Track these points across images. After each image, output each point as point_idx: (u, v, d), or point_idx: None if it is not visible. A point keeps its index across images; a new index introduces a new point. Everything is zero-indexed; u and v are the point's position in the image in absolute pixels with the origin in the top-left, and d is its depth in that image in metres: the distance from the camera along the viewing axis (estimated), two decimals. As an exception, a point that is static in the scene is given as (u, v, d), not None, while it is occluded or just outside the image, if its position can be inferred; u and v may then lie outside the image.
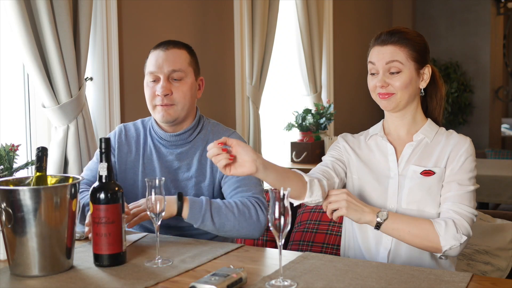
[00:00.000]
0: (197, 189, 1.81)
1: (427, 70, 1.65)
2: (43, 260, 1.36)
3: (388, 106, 1.64)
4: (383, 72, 1.62)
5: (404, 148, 1.67)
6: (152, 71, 1.78)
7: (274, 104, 4.22)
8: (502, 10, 6.85)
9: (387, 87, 1.62)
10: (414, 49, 1.62)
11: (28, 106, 2.42)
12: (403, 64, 1.60)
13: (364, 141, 1.75)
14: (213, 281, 1.20)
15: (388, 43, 1.62)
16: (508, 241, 1.96)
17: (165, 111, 1.78)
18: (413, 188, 1.61)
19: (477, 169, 1.67)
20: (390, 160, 1.67)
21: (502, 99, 7.06)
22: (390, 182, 1.65)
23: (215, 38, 3.33)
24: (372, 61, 1.64)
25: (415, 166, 1.63)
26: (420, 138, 1.67)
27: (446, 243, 1.47)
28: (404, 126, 1.69)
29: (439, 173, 1.61)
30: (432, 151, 1.65)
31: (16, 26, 2.07)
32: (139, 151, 1.88)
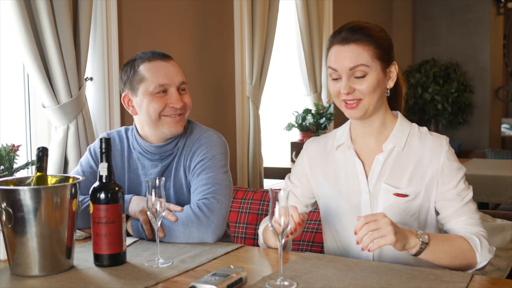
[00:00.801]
0: (177, 198, 1.79)
1: (393, 68, 1.52)
2: (43, 260, 1.36)
3: (355, 115, 1.50)
4: (347, 77, 1.47)
5: (373, 161, 1.55)
6: (163, 82, 1.72)
7: (274, 104, 4.22)
8: (502, 10, 6.85)
9: (353, 93, 1.48)
10: (379, 47, 1.47)
11: (28, 106, 2.42)
12: (368, 67, 1.46)
13: (331, 152, 1.62)
14: (213, 281, 1.20)
15: (350, 42, 1.46)
16: (508, 241, 1.96)
17: (177, 123, 1.75)
18: (389, 209, 1.50)
19: (477, 169, 1.67)
20: (359, 176, 1.55)
21: (502, 99, 7.06)
22: (362, 199, 1.54)
23: (215, 38, 3.33)
24: (332, 66, 1.49)
25: (387, 185, 1.51)
26: (390, 148, 1.53)
27: (483, 258, 1.43)
28: (373, 134, 1.56)
29: (413, 193, 1.50)
30: (405, 165, 1.52)
31: (16, 26, 2.07)
32: (124, 164, 1.85)
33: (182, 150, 1.80)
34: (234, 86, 3.50)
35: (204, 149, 1.76)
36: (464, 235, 1.45)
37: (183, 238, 1.63)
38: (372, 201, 1.53)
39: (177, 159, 1.80)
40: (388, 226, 1.29)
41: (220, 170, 1.74)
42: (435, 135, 1.56)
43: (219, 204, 1.66)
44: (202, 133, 1.81)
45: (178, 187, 1.80)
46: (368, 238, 1.30)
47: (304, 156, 1.68)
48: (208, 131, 1.82)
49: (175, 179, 1.80)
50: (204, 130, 1.82)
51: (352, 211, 1.56)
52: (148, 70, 1.74)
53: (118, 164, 1.84)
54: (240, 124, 3.50)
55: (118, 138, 1.87)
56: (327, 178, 1.61)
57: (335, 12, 4.77)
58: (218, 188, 1.70)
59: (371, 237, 1.30)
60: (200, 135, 1.80)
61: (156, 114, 1.73)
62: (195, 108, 3.15)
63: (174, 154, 1.81)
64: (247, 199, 2.36)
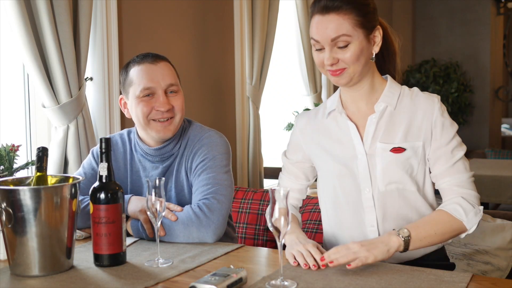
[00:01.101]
0: (179, 199, 1.79)
1: (377, 33, 1.50)
2: (43, 260, 1.36)
3: (340, 82, 1.49)
4: (330, 48, 1.45)
5: (366, 123, 1.53)
6: (148, 86, 1.72)
7: (274, 104, 4.22)
8: (502, 10, 6.85)
9: (337, 63, 1.46)
10: (360, 13, 1.44)
11: (28, 106, 2.42)
12: (350, 36, 1.43)
13: (322, 121, 1.62)
14: (213, 281, 1.20)
15: (330, 11, 1.43)
16: (508, 241, 1.96)
17: (165, 128, 1.74)
18: (387, 167, 1.50)
19: (477, 169, 1.67)
20: (354, 139, 1.54)
21: (502, 99, 7.06)
22: (359, 163, 1.53)
23: (215, 38, 3.33)
24: (314, 37, 1.46)
25: (382, 143, 1.50)
26: (382, 107, 1.52)
27: (471, 223, 1.45)
28: (362, 98, 1.55)
29: (410, 148, 1.50)
30: (399, 122, 1.52)
31: (16, 26, 2.07)
32: (127, 167, 1.85)
33: (184, 151, 1.80)
34: (234, 86, 3.50)
35: (205, 150, 1.76)
36: (445, 207, 1.46)
37: (183, 238, 1.63)
38: (370, 162, 1.53)
39: (178, 160, 1.80)
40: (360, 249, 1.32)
41: (221, 170, 1.74)
42: (427, 93, 1.56)
43: (219, 204, 1.66)
44: (203, 133, 1.81)
45: (180, 189, 1.80)
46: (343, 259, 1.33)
47: (297, 130, 1.68)
48: (209, 132, 1.82)
49: (176, 180, 1.80)
50: (205, 131, 1.82)
51: (351, 175, 1.55)
52: (136, 74, 1.74)
53: (120, 166, 1.85)
54: (240, 124, 3.50)
55: (120, 141, 1.88)
56: (322, 147, 1.61)
57: (335, 12, 4.76)
58: (219, 188, 1.70)
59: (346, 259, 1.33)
60: (201, 135, 1.80)
61: (144, 118, 1.74)
62: (195, 108, 3.16)
63: (175, 155, 1.81)
64: (247, 199, 2.36)
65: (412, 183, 1.52)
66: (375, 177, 1.52)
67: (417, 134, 1.51)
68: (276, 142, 4.25)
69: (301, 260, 1.39)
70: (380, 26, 1.52)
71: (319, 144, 1.62)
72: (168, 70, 1.76)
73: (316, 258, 1.38)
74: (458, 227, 1.45)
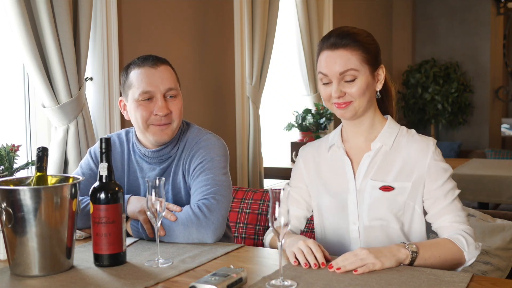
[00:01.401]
0: (175, 201, 1.79)
1: (381, 71, 1.58)
2: (43, 260, 1.36)
3: (345, 115, 1.57)
4: (338, 81, 1.53)
5: (361, 159, 1.61)
6: (147, 90, 1.72)
7: (274, 104, 4.22)
8: (502, 10, 6.85)
9: (344, 96, 1.53)
10: (367, 51, 1.53)
11: (28, 106, 2.42)
12: (358, 71, 1.52)
13: (324, 154, 1.69)
14: (213, 281, 1.20)
15: (339, 47, 1.52)
16: (508, 241, 1.96)
17: (162, 132, 1.74)
18: (374, 204, 1.57)
19: (477, 169, 1.68)
20: (347, 174, 1.61)
21: (502, 99, 7.06)
22: (349, 198, 1.60)
23: (215, 38, 3.33)
24: (323, 72, 1.54)
25: (373, 181, 1.57)
26: (378, 146, 1.59)
27: (471, 256, 1.48)
28: (362, 133, 1.62)
29: (399, 188, 1.55)
30: (392, 162, 1.58)
31: (16, 26, 2.07)
32: (124, 167, 1.85)
33: (182, 154, 1.80)
34: (234, 86, 3.50)
35: (203, 152, 1.77)
36: (450, 237, 1.50)
37: (183, 238, 1.63)
38: (359, 198, 1.59)
39: (176, 163, 1.80)
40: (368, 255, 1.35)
41: (219, 171, 1.74)
42: (423, 136, 1.61)
43: (219, 205, 1.67)
44: (201, 136, 1.81)
45: (177, 191, 1.80)
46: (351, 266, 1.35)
47: (300, 160, 1.74)
48: (207, 134, 1.82)
49: (173, 182, 1.80)
50: (203, 134, 1.82)
51: (339, 208, 1.62)
52: (135, 77, 1.74)
53: (118, 167, 1.85)
54: (240, 124, 3.50)
55: (118, 141, 1.88)
56: (319, 178, 1.67)
57: (335, 12, 4.77)
58: (218, 189, 1.70)
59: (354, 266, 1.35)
60: (199, 138, 1.80)
61: (143, 122, 1.74)
62: (195, 108, 3.16)
63: (172, 157, 1.81)
64: (247, 199, 2.36)
65: (396, 222, 1.57)
66: (362, 212, 1.58)
67: (408, 175, 1.57)
68: (276, 142, 4.25)
69: (301, 258, 1.40)
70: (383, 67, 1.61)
71: (319, 176, 1.68)
72: (168, 74, 1.76)
73: (317, 255, 1.39)
74: (459, 257, 1.47)
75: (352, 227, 1.60)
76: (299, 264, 1.40)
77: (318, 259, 1.39)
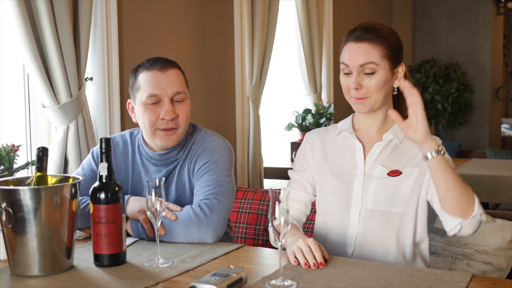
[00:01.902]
0: (179, 202, 1.79)
1: (401, 69, 1.62)
2: (43, 260, 1.36)
3: (362, 109, 1.62)
4: (357, 73, 1.58)
5: (372, 147, 1.65)
6: (155, 93, 1.72)
7: (274, 104, 4.22)
8: (502, 10, 6.85)
9: (361, 90, 1.58)
10: (388, 47, 1.58)
11: (28, 106, 2.42)
12: (377, 65, 1.57)
13: (331, 138, 1.72)
14: (213, 281, 1.20)
15: (362, 40, 1.57)
16: (508, 241, 1.96)
17: (168, 137, 1.74)
18: (380, 188, 1.60)
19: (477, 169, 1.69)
20: (357, 157, 1.66)
21: (502, 99, 7.06)
22: (355, 181, 1.63)
23: (215, 38, 3.33)
24: (345, 62, 1.60)
25: (382, 167, 1.62)
26: (389, 138, 1.64)
27: (478, 211, 1.47)
28: (374, 125, 1.67)
29: (406, 173, 1.59)
30: (401, 154, 1.63)
31: (16, 26, 2.07)
32: (128, 168, 1.85)
33: (187, 155, 1.81)
34: (234, 86, 3.50)
35: (209, 153, 1.77)
36: None
37: (183, 237, 1.63)
38: (365, 182, 1.62)
39: (181, 163, 1.81)
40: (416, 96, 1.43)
41: (223, 173, 1.75)
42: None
43: (220, 205, 1.67)
44: (207, 138, 1.82)
45: (181, 191, 1.80)
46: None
47: (306, 144, 1.77)
48: (213, 136, 1.83)
49: (178, 182, 1.80)
50: (209, 135, 1.83)
51: (343, 190, 1.64)
52: (143, 80, 1.74)
53: (121, 168, 1.84)
54: (240, 124, 3.50)
55: (122, 142, 1.87)
56: (326, 159, 1.70)
57: (335, 12, 4.77)
58: (221, 189, 1.70)
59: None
60: (205, 139, 1.81)
61: (151, 126, 1.74)
62: (195, 109, 3.15)
63: (179, 159, 1.81)
64: (247, 199, 2.36)
65: (399, 207, 1.59)
66: (367, 195, 1.61)
67: (414, 162, 1.61)
68: (276, 142, 4.25)
69: (301, 257, 1.40)
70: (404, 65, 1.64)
71: (325, 158, 1.70)
72: (176, 77, 1.76)
73: (316, 255, 1.40)
74: (470, 201, 1.47)
75: (354, 209, 1.62)
76: (299, 264, 1.40)
77: (316, 259, 1.39)
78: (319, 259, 1.39)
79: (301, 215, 1.74)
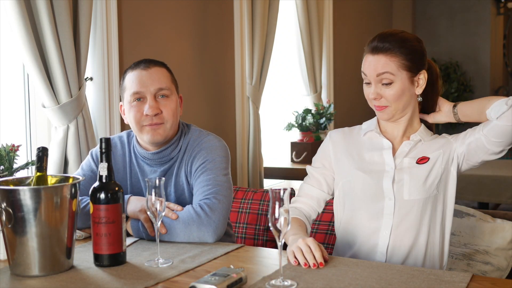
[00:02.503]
0: (179, 203, 1.79)
1: (422, 76, 1.63)
2: (43, 260, 1.36)
3: (383, 117, 1.65)
4: (375, 83, 1.61)
5: (400, 145, 1.68)
6: (137, 90, 1.73)
7: (274, 104, 4.22)
8: (502, 10, 6.85)
9: (380, 100, 1.61)
10: (406, 58, 1.58)
11: (28, 106, 2.42)
12: (394, 75, 1.58)
13: (356, 137, 1.74)
14: (213, 281, 1.20)
15: (379, 52, 1.59)
16: (508, 241, 1.96)
17: (154, 131, 1.74)
18: (412, 179, 1.62)
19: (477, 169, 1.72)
20: (385, 154, 1.67)
21: (502, 99, 7.05)
22: (385, 175, 1.64)
23: (215, 38, 3.33)
24: (364, 71, 1.64)
25: (410, 159, 1.65)
26: (417, 139, 1.68)
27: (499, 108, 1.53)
28: (400, 129, 1.69)
29: (434, 157, 1.64)
30: (428, 149, 1.67)
31: (16, 26, 2.07)
32: (126, 169, 1.86)
33: (183, 156, 1.81)
34: (234, 86, 3.50)
35: (205, 153, 1.78)
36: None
37: (183, 237, 1.63)
38: (397, 176, 1.63)
39: (178, 164, 1.81)
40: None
41: (220, 172, 1.75)
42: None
43: (220, 204, 1.67)
44: (202, 138, 1.82)
45: (180, 192, 1.80)
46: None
47: (328, 141, 1.77)
48: (209, 136, 1.83)
49: (176, 184, 1.80)
50: (204, 135, 1.83)
51: (373, 185, 1.64)
52: (128, 79, 1.77)
53: (120, 169, 1.85)
54: (240, 124, 3.50)
55: (120, 143, 1.88)
56: (351, 156, 1.71)
57: (335, 12, 4.77)
58: (219, 189, 1.71)
59: None
60: (201, 140, 1.81)
61: (136, 123, 1.75)
62: (195, 109, 3.16)
63: (174, 159, 1.81)
64: (247, 199, 2.36)
65: (434, 190, 1.62)
66: (401, 187, 1.62)
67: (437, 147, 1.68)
68: (276, 142, 4.25)
69: (300, 258, 1.40)
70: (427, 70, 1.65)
71: (350, 155, 1.71)
72: (159, 74, 1.77)
73: (315, 255, 1.39)
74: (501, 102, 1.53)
75: (388, 202, 1.62)
76: (299, 264, 1.40)
77: (316, 259, 1.38)
78: (319, 259, 1.39)
79: (311, 212, 1.73)
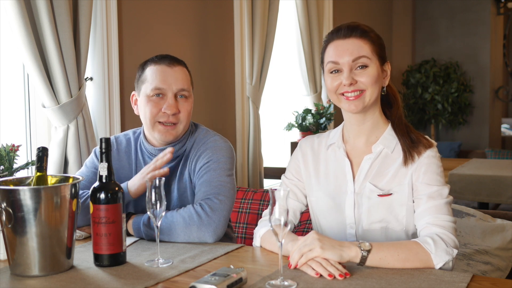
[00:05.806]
0: (181, 201, 1.80)
1: (387, 67, 1.58)
2: (43, 260, 1.36)
3: (355, 107, 1.52)
4: (349, 69, 1.50)
5: (362, 161, 1.57)
6: (160, 86, 1.74)
7: (274, 104, 4.22)
8: (502, 10, 6.85)
9: (356, 84, 1.50)
10: (376, 43, 1.54)
11: (28, 106, 2.42)
12: (369, 59, 1.51)
13: (323, 151, 1.65)
14: (213, 281, 1.20)
15: (351, 36, 1.51)
16: (508, 241, 1.96)
17: (167, 132, 1.75)
18: (372, 208, 1.53)
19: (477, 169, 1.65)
20: (347, 174, 1.58)
21: (502, 99, 7.06)
22: (347, 200, 1.57)
23: (215, 38, 3.33)
24: (332, 60, 1.52)
25: (371, 185, 1.53)
26: (379, 149, 1.56)
27: (440, 260, 1.37)
28: (364, 133, 1.58)
29: (399, 192, 1.51)
30: (391, 164, 1.54)
31: (16, 26, 2.07)
32: (132, 166, 1.86)
33: (189, 154, 1.81)
34: (234, 86, 3.50)
35: (210, 153, 1.78)
36: (418, 239, 1.42)
37: (184, 237, 1.63)
38: (357, 201, 1.55)
39: (182, 163, 1.81)
40: (314, 240, 1.34)
41: (224, 172, 1.75)
42: (427, 138, 1.57)
43: (221, 205, 1.67)
44: (208, 137, 1.82)
45: (183, 190, 1.80)
46: (297, 253, 1.35)
47: (299, 153, 1.70)
48: (215, 136, 1.84)
49: (179, 182, 1.80)
50: (210, 135, 1.84)
51: (337, 209, 1.59)
52: (150, 73, 1.77)
53: (125, 167, 1.86)
54: (240, 124, 3.50)
55: (125, 141, 1.89)
56: (317, 176, 1.64)
57: (335, 12, 4.77)
58: (222, 189, 1.71)
59: (301, 253, 1.34)
60: (207, 139, 1.82)
61: (151, 118, 1.76)
62: (195, 108, 3.15)
63: (180, 157, 1.82)
64: (247, 199, 2.36)
65: (397, 223, 1.53)
66: (360, 215, 1.55)
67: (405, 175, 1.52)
68: (276, 142, 4.25)
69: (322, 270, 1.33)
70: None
71: (316, 174, 1.64)
72: (182, 74, 1.78)
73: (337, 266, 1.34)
74: (425, 259, 1.37)
75: (350, 231, 1.56)
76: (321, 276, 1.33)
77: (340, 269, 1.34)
78: (342, 270, 1.33)
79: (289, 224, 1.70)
